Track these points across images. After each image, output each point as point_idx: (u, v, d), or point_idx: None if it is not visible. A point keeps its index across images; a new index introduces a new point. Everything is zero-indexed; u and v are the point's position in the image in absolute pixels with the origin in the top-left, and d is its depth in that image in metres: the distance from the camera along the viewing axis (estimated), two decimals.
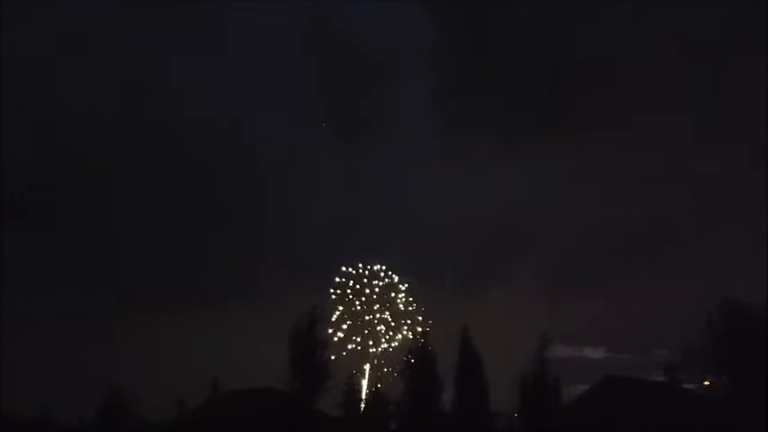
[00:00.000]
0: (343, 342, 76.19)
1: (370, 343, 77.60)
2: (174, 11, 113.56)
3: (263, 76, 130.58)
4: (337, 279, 79.04)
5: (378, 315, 79.03)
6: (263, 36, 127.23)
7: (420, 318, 78.83)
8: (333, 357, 55.40)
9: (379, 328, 78.48)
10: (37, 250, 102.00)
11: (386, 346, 77.58)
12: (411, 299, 80.00)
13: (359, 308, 78.70)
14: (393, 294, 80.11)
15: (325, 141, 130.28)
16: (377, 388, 49.28)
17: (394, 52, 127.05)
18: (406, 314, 79.43)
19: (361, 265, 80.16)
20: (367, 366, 75.60)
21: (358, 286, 79.27)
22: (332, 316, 75.39)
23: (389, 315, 79.24)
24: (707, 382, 47.07)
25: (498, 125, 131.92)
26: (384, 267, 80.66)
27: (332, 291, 77.87)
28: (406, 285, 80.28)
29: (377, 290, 79.80)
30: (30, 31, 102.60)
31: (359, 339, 77.11)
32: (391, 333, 78.69)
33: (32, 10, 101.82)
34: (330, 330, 72.02)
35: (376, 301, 79.51)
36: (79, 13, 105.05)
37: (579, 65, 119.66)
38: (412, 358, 46.14)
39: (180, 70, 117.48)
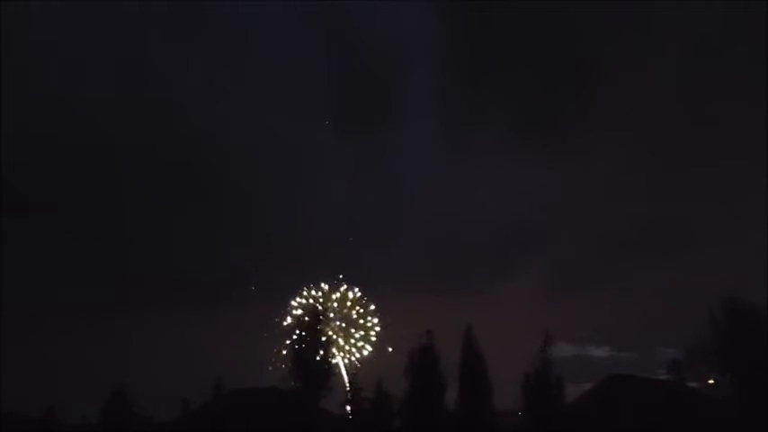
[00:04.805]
0: None
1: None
2: (179, 9, 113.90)
3: (265, 75, 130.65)
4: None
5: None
6: (267, 34, 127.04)
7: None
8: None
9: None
10: (40, 249, 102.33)
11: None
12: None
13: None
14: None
15: (329, 139, 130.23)
16: (380, 386, 49.01)
17: (401, 49, 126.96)
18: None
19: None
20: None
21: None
22: None
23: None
24: (711, 381, 46.89)
25: (502, 124, 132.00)
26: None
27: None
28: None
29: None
30: (30, 27, 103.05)
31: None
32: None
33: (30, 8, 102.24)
34: None
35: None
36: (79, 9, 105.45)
37: (584, 64, 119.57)
38: (416, 357, 46.02)
39: (182, 69, 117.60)
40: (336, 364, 67.35)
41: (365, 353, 79.84)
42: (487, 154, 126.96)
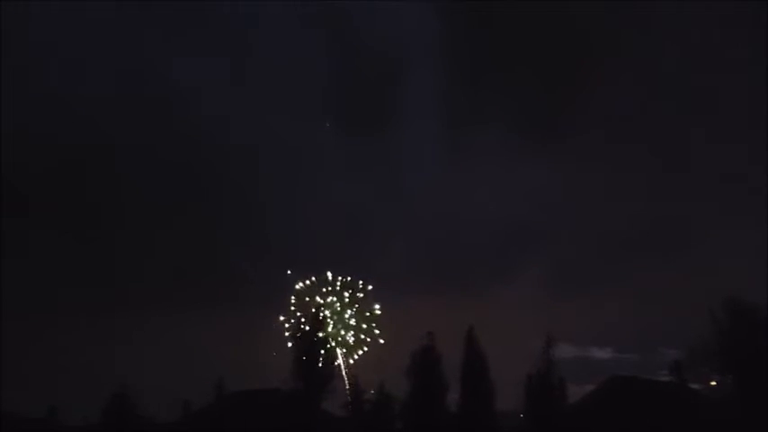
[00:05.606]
0: None
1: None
2: (179, 9, 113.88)
3: (265, 75, 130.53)
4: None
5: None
6: (267, 34, 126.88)
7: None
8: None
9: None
10: (41, 250, 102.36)
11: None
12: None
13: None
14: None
15: (329, 139, 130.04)
16: (381, 387, 48.98)
17: (401, 49, 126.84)
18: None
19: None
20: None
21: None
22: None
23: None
24: (713, 382, 46.82)
25: (503, 125, 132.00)
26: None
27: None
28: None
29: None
30: (30, 27, 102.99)
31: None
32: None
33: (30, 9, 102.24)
34: None
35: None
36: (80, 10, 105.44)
37: (584, 64, 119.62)
38: (417, 358, 45.97)
39: (182, 69, 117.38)
40: (338, 365, 67.00)
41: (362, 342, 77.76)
42: (488, 154, 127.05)
